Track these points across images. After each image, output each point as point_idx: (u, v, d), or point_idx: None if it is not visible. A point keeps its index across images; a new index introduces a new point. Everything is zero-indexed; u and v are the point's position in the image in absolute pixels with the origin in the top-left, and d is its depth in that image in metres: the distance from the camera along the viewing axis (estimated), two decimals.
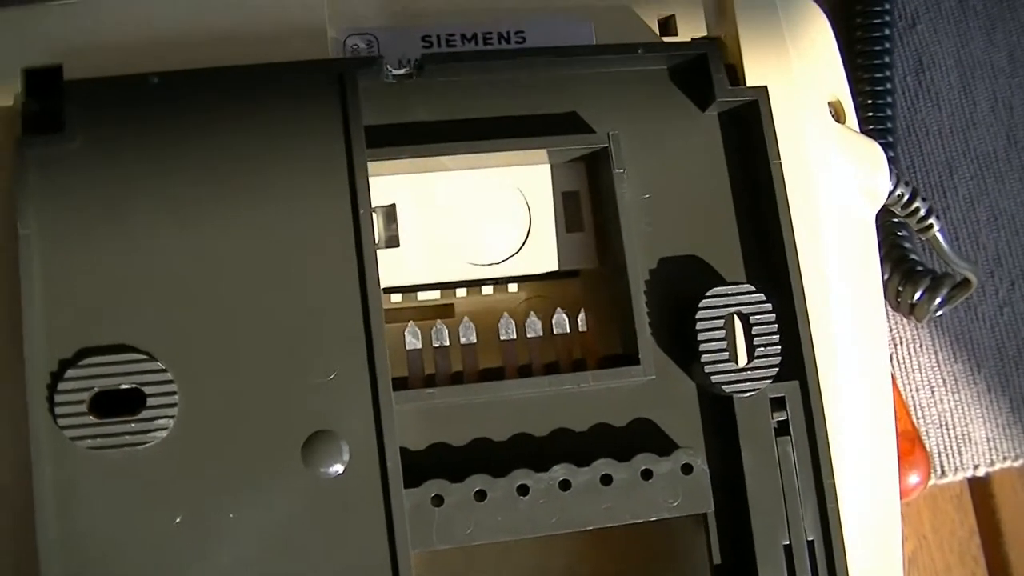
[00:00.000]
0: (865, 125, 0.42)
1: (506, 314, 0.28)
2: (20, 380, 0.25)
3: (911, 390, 0.44)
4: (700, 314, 0.28)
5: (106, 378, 0.25)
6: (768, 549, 0.28)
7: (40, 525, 0.25)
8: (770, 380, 0.28)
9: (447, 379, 0.27)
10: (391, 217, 0.28)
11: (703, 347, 0.28)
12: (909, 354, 0.44)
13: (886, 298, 0.42)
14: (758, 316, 0.28)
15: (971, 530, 0.44)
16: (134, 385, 0.25)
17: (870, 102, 0.43)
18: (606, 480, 0.27)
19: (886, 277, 0.42)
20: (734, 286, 0.28)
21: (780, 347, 0.28)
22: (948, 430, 0.44)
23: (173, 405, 0.25)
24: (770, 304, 0.28)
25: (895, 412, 0.32)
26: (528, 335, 0.28)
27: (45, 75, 0.27)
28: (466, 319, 0.28)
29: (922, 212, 0.37)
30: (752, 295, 0.28)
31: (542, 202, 0.29)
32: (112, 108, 0.27)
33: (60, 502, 0.25)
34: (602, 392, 0.28)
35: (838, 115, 0.32)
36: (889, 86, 0.43)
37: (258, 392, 0.26)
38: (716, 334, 0.28)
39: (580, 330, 0.28)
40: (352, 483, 0.26)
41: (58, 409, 0.25)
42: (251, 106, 0.27)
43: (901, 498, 0.32)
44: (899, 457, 0.32)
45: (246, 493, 0.26)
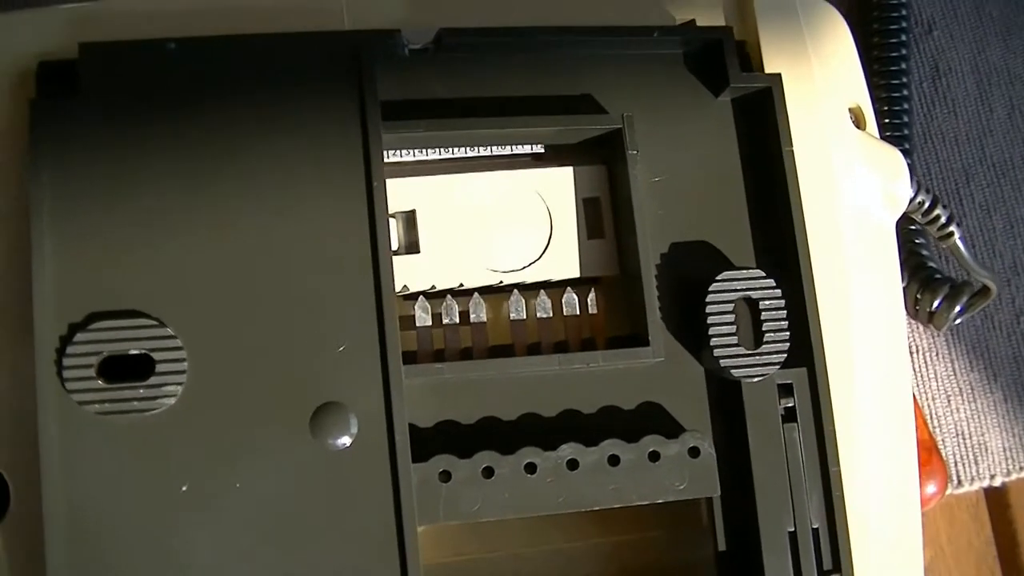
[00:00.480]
0: (881, 132, 0.42)
1: (516, 292, 0.28)
2: (28, 343, 0.26)
3: (927, 399, 0.44)
4: (710, 297, 0.28)
5: (115, 343, 0.25)
6: (773, 536, 0.27)
7: (46, 489, 0.25)
8: (778, 366, 0.28)
9: (456, 355, 0.27)
10: (411, 223, 0.28)
11: (712, 331, 0.28)
12: (925, 363, 0.44)
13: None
14: (767, 301, 0.28)
15: (988, 540, 0.44)
16: (143, 351, 0.26)
17: (886, 108, 0.43)
18: (614, 461, 0.27)
19: (904, 285, 0.42)
20: (744, 271, 0.28)
21: (788, 333, 0.28)
22: (964, 439, 0.43)
23: (182, 372, 0.26)
24: (779, 290, 0.28)
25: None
26: (538, 315, 0.28)
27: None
28: (476, 296, 0.28)
29: (943, 219, 0.37)
30: (762, 280, 0.28)
31: (562, 207, 0.29)
32: (127, 72, 0.27)
33: (66, 467, 0.25)
34: (610, 372, 0.28)
35: (858, 121, 0.32)
36: (905, 92, 0.43)
37: (267, 362, 0.26)
38: (725, 318, 0.28)
39: (590, 311, 0.28)
40: (360, 456, 0.26)
41: (66, 373, 0.25)
42: (267, 75, 0.27)
43: None
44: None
45: (253, 463, 0.26)
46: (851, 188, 0.31)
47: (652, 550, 0.30)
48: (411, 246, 0.28)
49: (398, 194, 0.28)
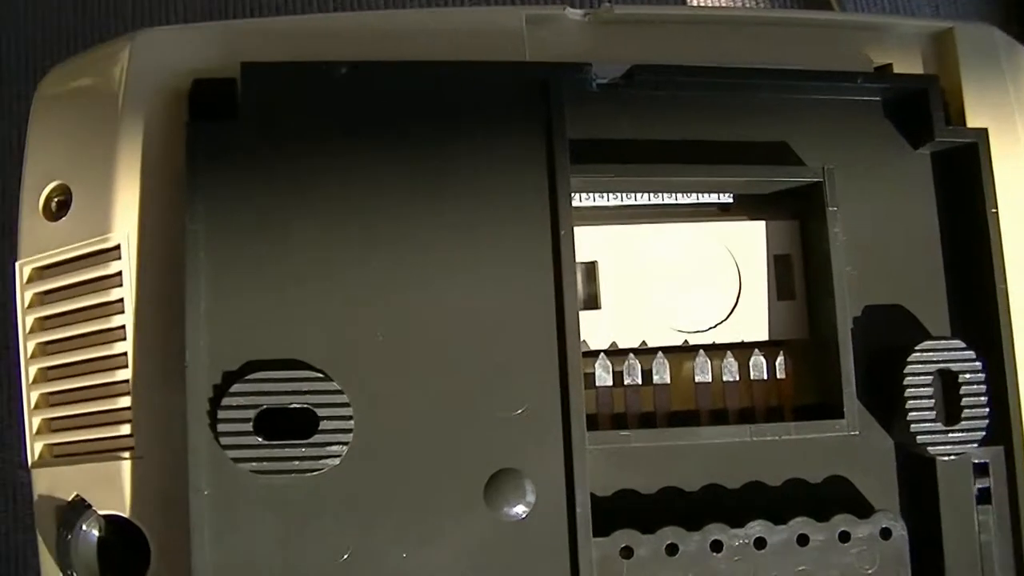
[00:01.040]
0: None
1: (702, 353, 0.26)
2: (179, 389, 0.24)
3: None
4: (908, 369, 0.26)
5: (275, 395, 0.23)
6: None
7: (195, 551, 0.23)
8: (976, 444, 0.26)
9: (637, 418, 0.25)
10: (592, 275, 0.26)
11: (910, 404, 0.26)
12: None
13: None
14: (967, 375, 0.26)
15: None
16: (306, 405, 0.24)
17: None
18: (803, 540, 0.25)
19: None
20: (943, 340, 0.26)
21: (988, 409, 0.26)
22: None
23: (348, 431, 0.24)
24: (980, 363, 0.26)
25: None
26: (724, 378, 0.26)
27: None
28: (660, 355, 0.26)
29: None
30: (962, 352, 0.26)
31: (753, 264, 0.27)
32: (292, 96, 0.25)
33: (217, 527, 0.23)
34: (798, 443, 0.26)
35: None
36: None
37: (439, 422, 0.24)
38: (924, 391, 0.26)
39: (777, 376, 0.26)
40: (536, 527, 0.24)
41: (221, 427, 0.23)
42: (445, 106, 0.25)
43: None
44: None
45: (421, 531, 0.24)
46: None
47: None
48: (590, 300, 0.26)
49: (578, 243, 0.25)
